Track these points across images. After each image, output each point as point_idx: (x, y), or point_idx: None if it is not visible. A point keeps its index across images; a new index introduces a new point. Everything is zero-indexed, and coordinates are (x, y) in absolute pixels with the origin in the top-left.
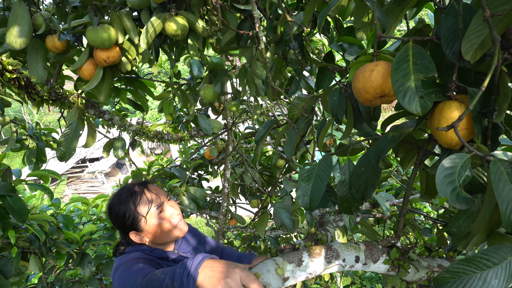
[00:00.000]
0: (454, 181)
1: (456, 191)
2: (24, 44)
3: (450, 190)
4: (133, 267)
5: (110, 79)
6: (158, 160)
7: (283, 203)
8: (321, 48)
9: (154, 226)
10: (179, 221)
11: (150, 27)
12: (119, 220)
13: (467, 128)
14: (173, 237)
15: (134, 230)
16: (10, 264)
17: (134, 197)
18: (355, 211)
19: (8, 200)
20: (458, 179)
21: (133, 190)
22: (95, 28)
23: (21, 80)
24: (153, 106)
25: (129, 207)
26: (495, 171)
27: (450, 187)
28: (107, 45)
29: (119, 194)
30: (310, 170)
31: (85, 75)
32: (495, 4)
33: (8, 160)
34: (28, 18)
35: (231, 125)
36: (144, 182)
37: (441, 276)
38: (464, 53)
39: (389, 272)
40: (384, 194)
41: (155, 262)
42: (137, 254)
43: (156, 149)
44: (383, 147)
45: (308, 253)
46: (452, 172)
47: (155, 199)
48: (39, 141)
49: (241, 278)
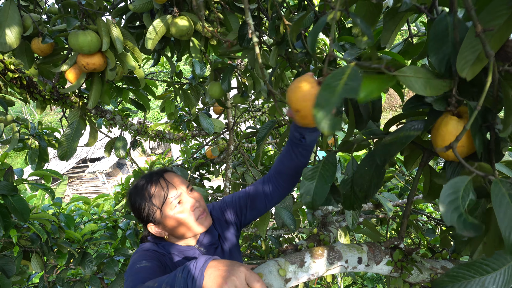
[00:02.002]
0: (458, 207)
1: (463, 218)
2: (13, 45)
3: (456, 218)
4: (136, 264)
5: (99, 85)
6: (159, 160)
7: (284, 203)
8: (323, 47)
9: (171, 219)
10: (200, 215)
11: (155, 28)
12: (136, 211)
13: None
14: (193, 232)
15: (151, 223)
16: (12, 263)
17: (150, 186)
18: (358, 208)
19: (10, 199)
20: (463, 205)
21: (149, 179)
22: (76, 33)
23: (23, 80)
24: (154, 105)
25: (144, 198)
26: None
27: (456, 214)
28: (86, 51)
29: (137, 183)
30: (314, 168)
31: (70, 79)
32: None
33: (9, 160)
34: (19, 19)
35: (232, 125)
36: (162, 170)
37: (440, 280)
38: (459, 71)
39: (392, 273)
40: (387, 195)
41: (167, 257)
42: (150, 245)
43: (157, 149)
44: (389, 149)
45: (310, 254)
46: (455, 198)
47: (171, 189)
48: (41, 140)
49: (246, 276)
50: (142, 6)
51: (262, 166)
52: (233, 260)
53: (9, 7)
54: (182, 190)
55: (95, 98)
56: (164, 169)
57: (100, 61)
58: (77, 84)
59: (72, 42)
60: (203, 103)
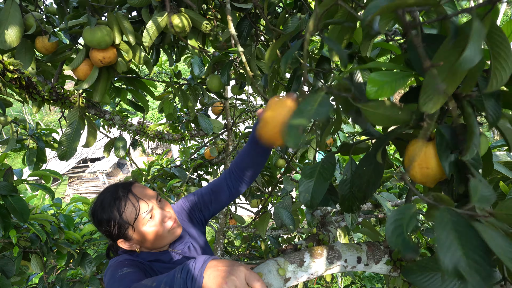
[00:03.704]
0: (402, 233)
1: (406, 241)
2: (14, 44)
3: (400, 242)
4: (117, 274)
5: (106, 80)
6: (158, 160)
7: (283, 202)
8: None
9: (143, 233)
10: (172, 225)
11: (153, 23)
12: (103, 228)
13: (430, 168)
14: (166, 242)
15: (122, 238)
16: (12, 263)
17: (118, 202)
18: (356, 210)
19: (9, 200)
20: (406, 231)
21: (116, 195)
22: (92, 29)
23: (22, 80)
24: (153, 106)
25: (113, 215)
26: (440, 219)
27: (400, 239)
28: (104, 45)
29: (102, 199)
30: (313, 167)
31: (80, 75)
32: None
33: (9, 160)
34: (20, 18)
35: (231, 125)
36: (128, 183)
37: (410, 268)
38: (421, 105)
39: (391, 273)
40: (386, 195)
41: (145, 265)
42: (125, 256)
43: (158, 149)
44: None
45: (309, 254)
46: (400, 224)
47: (142, 205)
48: (39, 141)
49: (245, 276)
50: (140, 1)
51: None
52: (232, 260)
53: (10, 6)
54: (153, 203)
55: (101, 92)
56: (130, 182)
57: (114, 54)
58: (92, 78)
59: (89, 39)
60: (202, 103)
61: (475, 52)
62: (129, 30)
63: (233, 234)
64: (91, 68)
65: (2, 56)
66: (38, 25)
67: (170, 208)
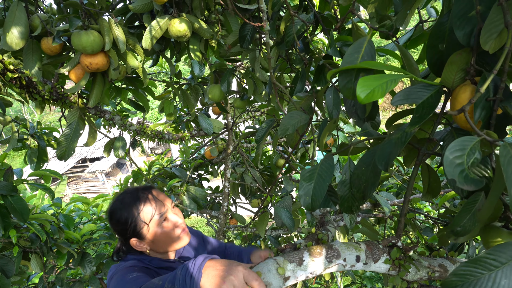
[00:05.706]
0: (462, 162)
1: (465, 173)
2: (20, 45)
3: (459, 172)
4: (128, 276)
5: (101, 85)
6: (158, 160)
7: (283, 202)
8: (322, 48)
9: (156, 234)
10: (182, 232)
11: (154, 27)
12: (120, 226)
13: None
14: (174, 248)
15: (135, 237)
16: (12, 263)
17: (138, 203)
18: (356, 211)
19: (9, 199)
20: (467, 161)
21: (136, 195)
22: (79, 33)
23: (22, 80)
24: (153, 106)
25: (132, 213)
26: (504, 154)
27: (458, 169)
28: (89, 50)
29: (122, 199)
30: (312, 170)
31: (74, 79)
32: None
33: (9, 160)
34: (25, 19)
35: (231, 125)
36: (148, 186)
37: (449, 280)
38: (482, 44)
39: (390, 271)
40: (385, 194)
41: (153, 271)
42: (134, 263)
43: (157, 149)
44: (390, 151)
45: (309, 253)
46: (461, 154)
47: (160, 206)
48: (40, 140)
49: (244, 275)
50: (143, 7)
51: (261, 166)
52: (231, 260)
53: (16, 7)
54: (168, 207)
55: (96, 97)
56: (149, 185)
57: (103, 60)
58: (82, 83)
59: (75, 42)
60: (202, 103)
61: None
62: (120, 37)
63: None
64: (84, 72)
65: (2, 56)
66: (44, 26)
67: (182, 216)
